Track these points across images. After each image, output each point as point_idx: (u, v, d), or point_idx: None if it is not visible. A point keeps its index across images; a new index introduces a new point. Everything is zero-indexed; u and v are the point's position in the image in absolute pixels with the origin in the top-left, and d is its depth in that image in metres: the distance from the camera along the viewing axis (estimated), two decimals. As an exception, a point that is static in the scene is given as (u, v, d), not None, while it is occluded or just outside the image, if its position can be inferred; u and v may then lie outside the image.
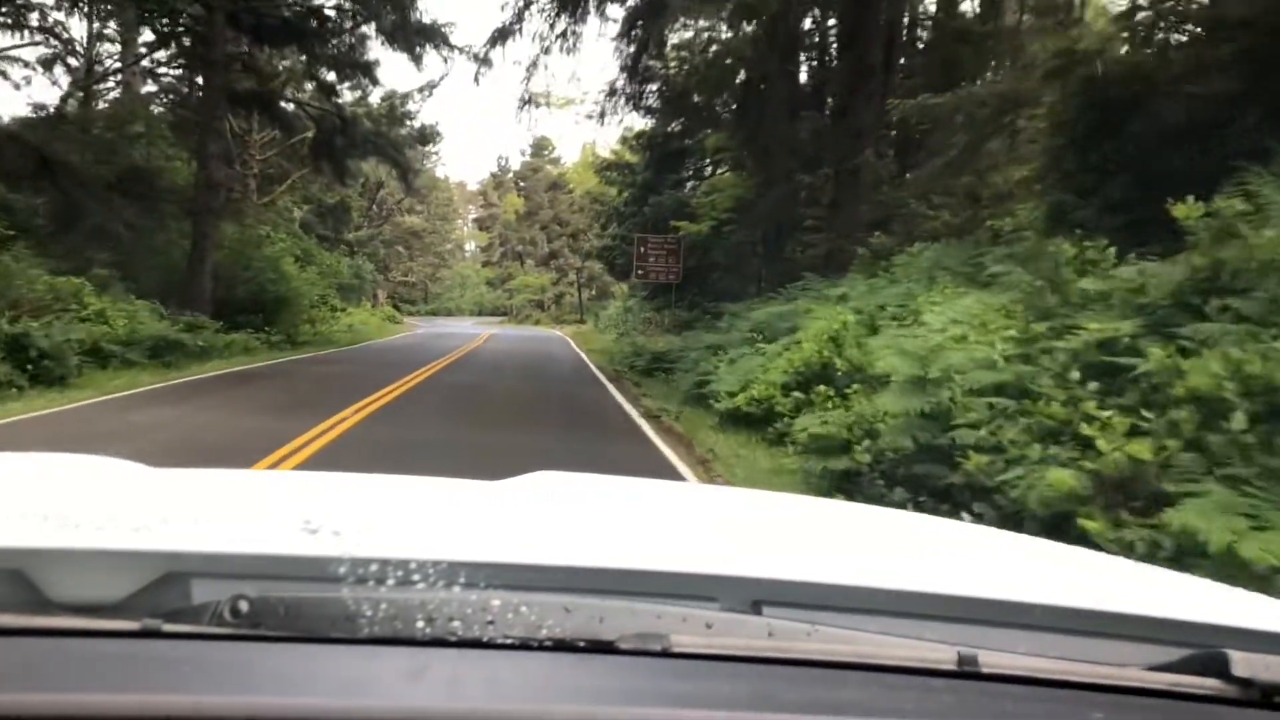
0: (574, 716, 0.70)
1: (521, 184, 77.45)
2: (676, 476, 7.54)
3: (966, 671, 0.79)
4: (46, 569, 0.87)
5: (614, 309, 41.22)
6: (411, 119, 40.66)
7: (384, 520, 1.29)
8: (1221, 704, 0.79)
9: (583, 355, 27.10)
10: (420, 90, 41.65)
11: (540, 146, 76.22)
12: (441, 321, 68.49)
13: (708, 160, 31.15)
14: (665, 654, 0.77)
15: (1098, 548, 3.54)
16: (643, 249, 32.24)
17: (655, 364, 17.45)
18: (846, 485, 6.16)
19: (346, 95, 35.19)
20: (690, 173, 34.27)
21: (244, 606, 0.78)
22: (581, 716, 0.70)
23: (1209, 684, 0.79)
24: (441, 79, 42.28)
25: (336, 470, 1.73)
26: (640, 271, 32.28)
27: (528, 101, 23.71)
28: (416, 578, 0.83)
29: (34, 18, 25.63)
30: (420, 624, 0.76)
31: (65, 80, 29.47)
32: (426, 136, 43.75)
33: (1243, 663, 0.79)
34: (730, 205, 28.62)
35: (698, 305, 33.65)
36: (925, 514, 2.10)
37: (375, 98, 40.11)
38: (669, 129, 32.34)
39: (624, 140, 35.81)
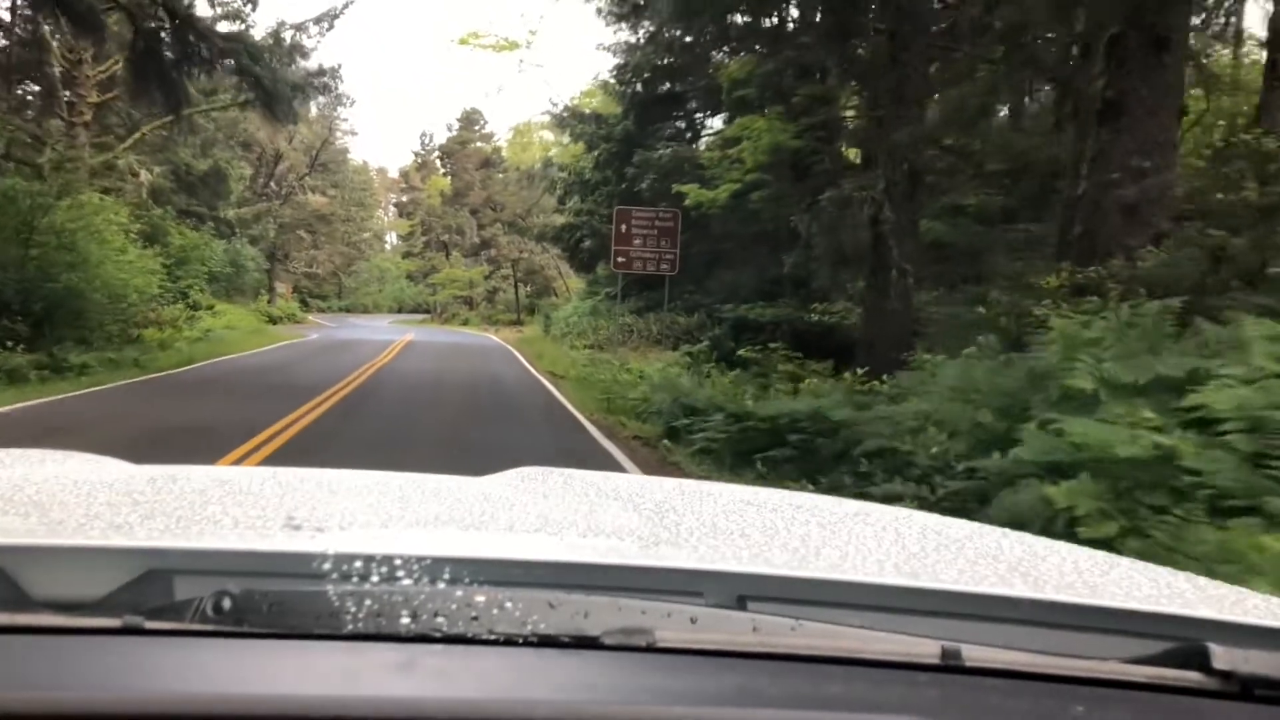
0: (560, 711, 0.70)
1: (448, 159, 66.64)
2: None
3: (950, 665, 0.78)
4: (27, 566, 0.85)
5: (571, 310, 31.50)
6: (305, 55, 30.47)
7: (368, 516, 1.28)
8: (1202, 697, 0.79)
9: (549, 387, 17.37)
10: (317, 21, 31.64)
11: (470, 120, 65.85)
12: (354, 320, 58.45)
13: (721, 101, 21.78)
14: (650, 649, 0.77)
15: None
16: (624, 227, 22.86)
17: (757, 441, 7.97)
18: None
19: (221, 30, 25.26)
20: (684, 124, 24.92)
21: (227, 603, 0.76)
22: (567, 711, 0.70)
23: (1190, 677, 0.79)
24: (345, 6, 31.61)
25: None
26: (620, 259, 22.90)
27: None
28: (401, 573, 0.82)
29: None
30: (405, 620, 0.76)
31: None
32: (330, 87, 33.34)
33: (1223, 656, 0.79)
34: (765, 160, 19.49)
35: (701, 307, 24.33)
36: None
37: (259, 32, 29.93)
38: (659, 62, 23.05)
39: (603, 83, 26.37)
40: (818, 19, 15.03)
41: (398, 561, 0.83)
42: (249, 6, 32.73)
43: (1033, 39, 11.67)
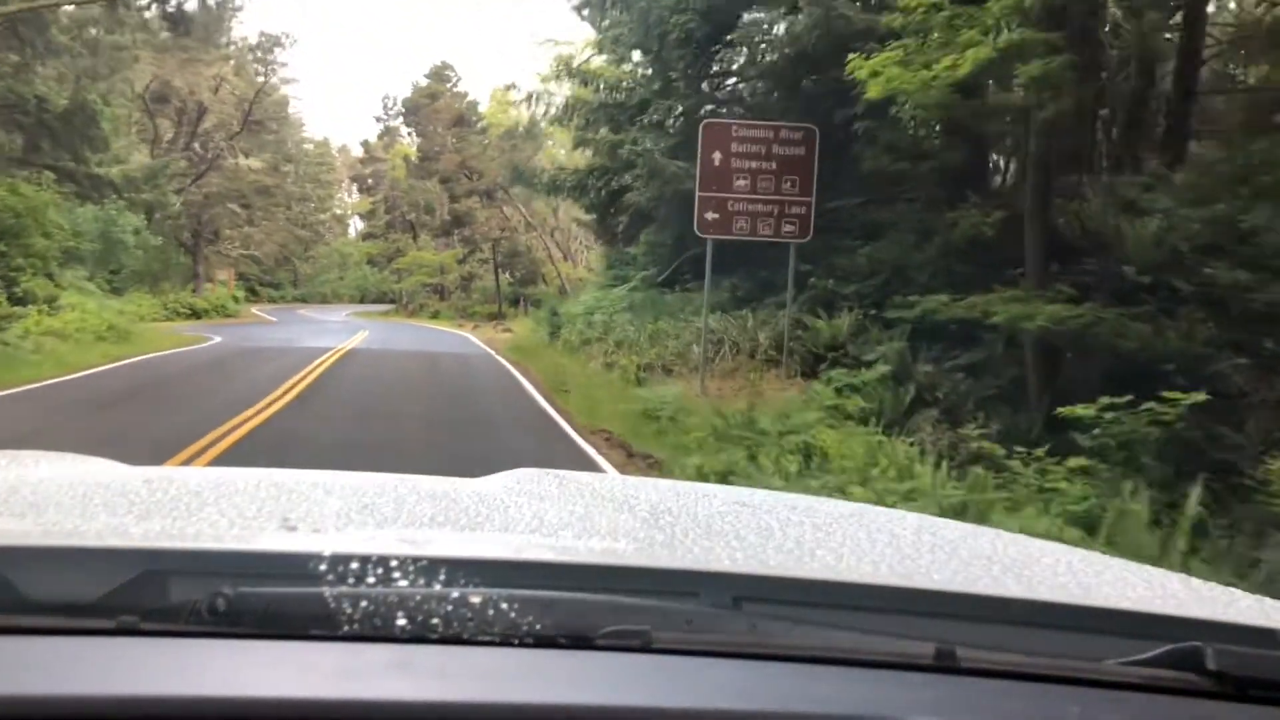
0: (556, 711, 0.70)
1: (414, 116, 55.61)
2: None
3: (945, 666, 0.78)
4: (22, 568, 0.84)
5: (592, 302, 21.08)
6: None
7: (363, 517, 1.27)
8: (1196, 697, 0.79)
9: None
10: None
11: (441, 75, 55.15)
12: (304, 313, 48.30)
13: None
14: (646, 649, 0.77)
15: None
16: (717, 155, 12.55)
17: None
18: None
19: None
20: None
21: (222, 605, 0.76)
22: (563, 711, 0.70)
23: (1184, 678, 0.79)
24: None
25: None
26: (710, 214, 12.71)
27: None
28: (397, 575, 0.82)
29: None
30: (401, 621, 0.76)
31: None
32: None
33: (1217, 657, 0.79)
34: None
35: (842, 300, 14.23)
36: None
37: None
38: None
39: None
40: None
41: (394, 563, 0.82)
42: None
43: None
